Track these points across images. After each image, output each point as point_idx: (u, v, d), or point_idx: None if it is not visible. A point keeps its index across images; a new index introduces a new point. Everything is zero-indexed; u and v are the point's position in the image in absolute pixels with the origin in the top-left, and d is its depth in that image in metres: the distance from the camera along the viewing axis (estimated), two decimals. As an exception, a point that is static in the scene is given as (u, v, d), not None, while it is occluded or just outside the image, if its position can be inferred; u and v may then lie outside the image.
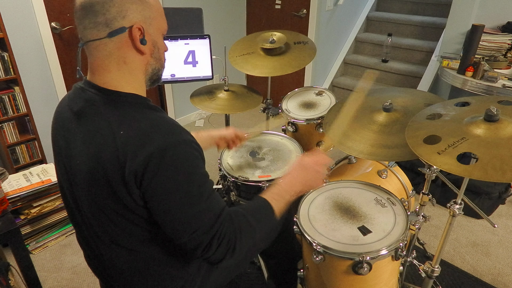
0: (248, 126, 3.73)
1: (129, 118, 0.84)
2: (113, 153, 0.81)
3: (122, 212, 0.87)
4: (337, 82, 4.01)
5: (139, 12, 0.86)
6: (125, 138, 0.81)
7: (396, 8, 4.16)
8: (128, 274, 0.98)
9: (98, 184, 0.85)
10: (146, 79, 0.94)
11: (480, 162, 0.94)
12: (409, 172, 2.26)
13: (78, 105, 0.90)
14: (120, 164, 0.81)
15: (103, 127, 0.84)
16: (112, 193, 0.84)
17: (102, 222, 0.91)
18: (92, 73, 0.90)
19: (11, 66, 2.24)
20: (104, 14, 0.82)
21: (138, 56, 0.89)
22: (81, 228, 1.00)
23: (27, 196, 2.00)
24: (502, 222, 2.37)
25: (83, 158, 0.87)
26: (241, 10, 3.95)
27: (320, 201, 1.38)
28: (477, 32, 2.32)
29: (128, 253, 0.94)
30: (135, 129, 0.82)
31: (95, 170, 0.84)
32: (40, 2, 2.43)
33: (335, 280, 1.24)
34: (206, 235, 0.86)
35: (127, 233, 0.91)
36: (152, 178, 0.80)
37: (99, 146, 0.83)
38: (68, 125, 0.92)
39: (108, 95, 0.88)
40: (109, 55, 0.87)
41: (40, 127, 2.61)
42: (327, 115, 1.57)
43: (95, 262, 1.06)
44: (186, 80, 2.06)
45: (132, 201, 0.84)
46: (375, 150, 1.30)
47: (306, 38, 2.04)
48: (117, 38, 0.85)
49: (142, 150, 0.80)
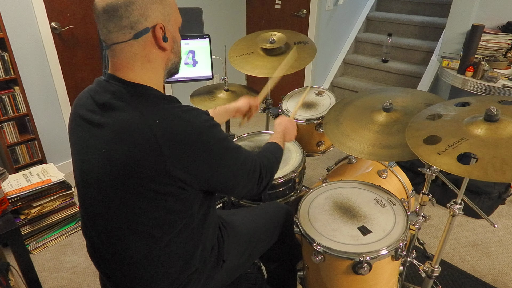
0: (248, 126, 3.74)
1: (159, 108, 0.89)
2: (150, 140, 0.85)
3: (152, 196, 0.90)
4: (337, 82, 4.01)
5: (159, 11, 0.90)
6: (162, 126, 0.86)
7: (396, 8, 4.16)
8: (135, 266, 0.97)
9: (132, 171, 0.87)
10: (165, 73, 1.00)
11: (480, 162, 0.94)
12: (409, 172, 2.27)
13: (104, 98, 0.92)
14: (159, 149, 0.85)
15: (136, 117, 0.87)
16: (148, 179, 0.87)
17: (124, 207, 0.92)
18: (115, 70, 0.93)
19: (11, 66, 2.24)
20: (128, 17, 0.86)
21: (161, 53, 0.94)
22: (91, 216, 1.00)
23: (27, 196, 2.00)
24: (502, 222, 2.37)
25: (114, 146, 0.89)
26: (241, 10, 3.95)
27: (320, 201, 1.38)
28: (477, 32, 2.32)
29: (141, 241, 0.95)
30: (169, 116, 0.87)
31: (130, 159, 0.87)
32: (40, 2, 2.43)
33: (335, 280, 1.24)
34: (253, 174, 1.03)
35: (151, 218, 0.93)
36: (194, 158, 0.88)
37: (134, 136, 0.86)
38: (91, 117, 0.94)
39: (134, 88, 0.91)
40: (134, 56, 0.91)
41: (40, 127, 2.61)
42: (327, 115, 1.57)
43: (100, 254, 1.04)
44: (186, 80, 2.06)
45: (173, 184, 0.89)
46: (375, 150, 1.30)
47: (306, 38, 2.03)
48: (141, 39, 0.89)
49: (180, 136, 0.86)
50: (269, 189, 1.54)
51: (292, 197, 1.66)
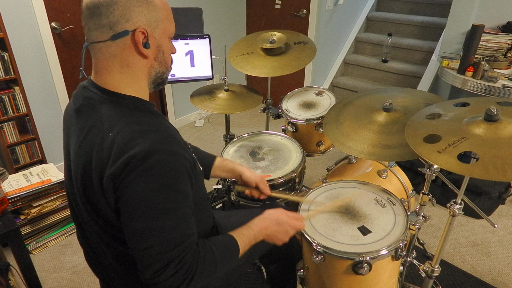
0: (248, 126, 3.73)
1: (122, 121, 0.83)
2: (98, 152, 0.81)
3: (111, 212, 0.85)
4: (337, 82, 4.01)
5: (144, 16, 0.85)
6: (112, 140, 0.80)
7: (396, 8, 4.16)
8: (125, 274, 0.98)
9: (87, 183, 0.85)
10: (150, 82, 0.94)
11: (481, 161, 0.94)
12: (409, 172, 2.26)
13: (78, 103, 0.91)
14: (102, 165, 0.80)
15: (96, 126, 0.84)
16: (97, 194, 0.84)
17: (93, 221, 0.90)
18: (95, 73, 0.90)
19: (11, 66, 2.24)
20: (108, 16, 0.82)
21: (141, 60, 0.88)
22: (81, 226, 1.00)
23: (27, 196, 2.00)
24: (502, 222, 2.37)
25: (74, 156, 0.88)
26: (241, 10, 3.95)
27: (320, 201, 1.38)
28: (477, 32, 2.32)
29: (118, 255, 0.94)
30: (125, 132, 0.80)
31: (85, 168, 0.84)
32: (40, 2, 2.43)
33: (335, 280, 1.24)
34: (161, 256, 0.79)
35: (111, 235, 0.90)
36: (126, 182, 0.77)
37: (90, 144, 0.84)
38: (70, 123, 0.94)
39: (106, 95, 0.88)
40: (112, 57, 0.86)
41: (40, 127, 2.61)
42: (327, 115, 1.57)
43: (95, 261, 1.06)
44: (186, 80, 2.06)
45: (106, 205, 0.83)
46: (375, 150, 1.30)
47: (306, 38, 2.03)
48: (120, 41, 0.84)
49: (124, 153, 0.78)
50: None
51: (292, 197, 1.66)
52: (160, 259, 0.79)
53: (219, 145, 3.20)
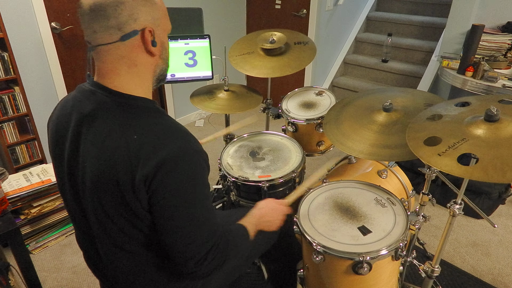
0: (248, 126, 3.73)
1: (141, 122, 0.85)
2: (125, 157, 0.81)
3: (126, 216, 0.87)
4: (337, 82, 4.01)
5: (149, 14, 0.85)
6: (139, 142, 0.82)
7: (396, 8, 4.16)
8: (128, 276, 0.98)
9: (106, 187, 0.85)
10: (154, 80, 0.95)
11: (481, 162, 0.94)
12: (409, 172, 2.26)
13: (89, 107, 0.88)
14: (132, 167, 0.81)
15: (115, 130, 0.84)
16: (120, 197, 0.84)
17: (105, 224, 0.90)
18: (101, 76, 0.89)
19: (11, 66, 2.24)
20: (116, 17, 0.81)
21: (148, 58, 0.90)
22: (82, 230, 1.00)
23: (27, 196, 2.00)
24: (502, 222, 2.37)
25: (92, 160, 0.86)
26: (241, 10, 3.95)
27: (320, 201, 1.38)
28: (477, 32, 2.32)
29: (128, 256, 0.94)
30: (149, 133, 0.83)
31: (105, 173, 0.84)
32: (40, 2, 2.43)
33: (335, 280, 1.24)
34: (202, 247, 0.87)
35: (129, 237, 0.91)
36: (162, 183, 0.81)
37: (112, 149, 0.83)
38: (77, 128, 0.90)
39: (119, 98, 0.87)
40: (120, 59, 0.86)
41: (40, 127, 2.60)
42: (327, 115, 1.57)
43: (95, 263, 1.06)
44: (186, 80, 2.06)
45: (139, 206, 0.84)
46: (375, 150, 1.30)
47: (307, 38, 2.03)
48: (129, 42, 0.84)
49: (155, 155, 0.81)
50: (269, 189, 1.54)
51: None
52: (202, 250, 0.87)
53: (219, 145, 3.20)
